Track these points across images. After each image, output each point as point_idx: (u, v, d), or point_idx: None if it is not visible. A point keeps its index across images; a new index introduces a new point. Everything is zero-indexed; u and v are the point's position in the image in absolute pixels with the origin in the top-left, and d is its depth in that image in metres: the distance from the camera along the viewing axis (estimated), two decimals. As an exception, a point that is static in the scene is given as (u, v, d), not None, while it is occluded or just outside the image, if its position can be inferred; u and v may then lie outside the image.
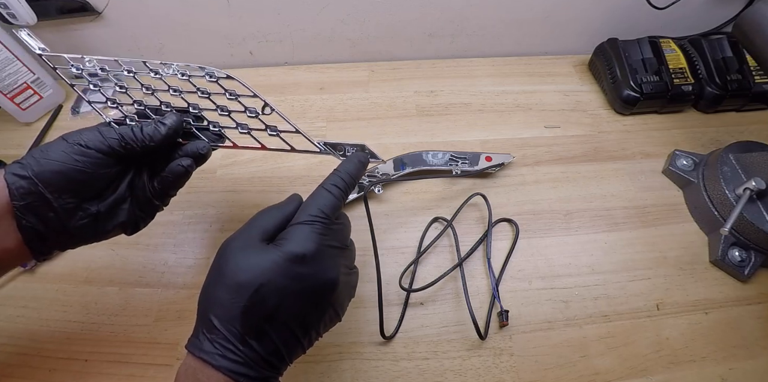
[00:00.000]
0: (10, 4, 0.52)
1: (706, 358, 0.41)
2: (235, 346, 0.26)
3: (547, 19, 0.66)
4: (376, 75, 0.65)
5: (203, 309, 0.28)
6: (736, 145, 0.51)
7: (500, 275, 0.46)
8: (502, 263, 0.47)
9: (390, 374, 0.40)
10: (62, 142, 0.31)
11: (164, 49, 0.66)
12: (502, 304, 0.44)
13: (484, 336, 0.41)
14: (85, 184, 0.32)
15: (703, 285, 0.46)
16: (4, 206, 0.29)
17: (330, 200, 0.31)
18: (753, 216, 0.45)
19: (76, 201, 0.32)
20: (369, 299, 0.45)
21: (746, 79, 0.59)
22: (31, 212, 0.30)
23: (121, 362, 0.41)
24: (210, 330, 0.27)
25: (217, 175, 0.54)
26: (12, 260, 0.32)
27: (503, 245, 0.49)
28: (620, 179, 0.54)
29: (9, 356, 0.41)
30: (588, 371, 0.41)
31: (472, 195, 0.51)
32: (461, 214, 0.50)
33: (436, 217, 0.50)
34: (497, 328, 0.43)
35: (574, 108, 0.62)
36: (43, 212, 0.31)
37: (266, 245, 0.29)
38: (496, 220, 0.50)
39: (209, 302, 0.28)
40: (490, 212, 0.49)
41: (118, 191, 0.34)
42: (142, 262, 0.47)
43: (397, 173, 0.51)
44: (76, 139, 0.31)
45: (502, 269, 0.47)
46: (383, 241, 0.48)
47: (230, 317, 0.27)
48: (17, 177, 0.30)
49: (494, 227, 0.49)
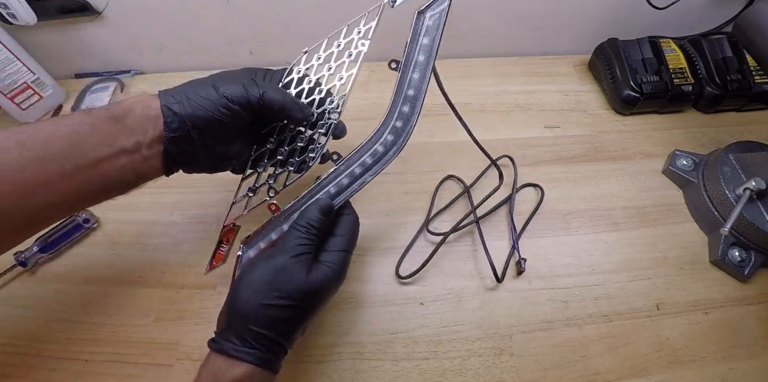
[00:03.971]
0: (10, 4, 0.52)
1: (706, 358, 0.41)
2: (265, 344, 0.31)
3: (547, 19, 0.66)
4: (376, 75, 0.65)
5: (243, 322, 0.31)
6: (736, 145, 0.51)
7: (521, 231, 0.49)
8: (524, 223, 0.50)
9: (390, 374, 0.40)
10: (212, 91, 0.35)
11: (164, 49, 0.66)
12: (521, 254, 0.46)
13: (501, 279, 0.44)
14: (223, 131, 0.36)
15: (703, 285, 0.46)
16: (158, 133, 0.34)
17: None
18: (753, 216, 0.45)
19: (212, 142, 0.36)
20: (369, 299, 0.45)
21: (746, 79, 0.59)
22: (176, 143, 0.35)
23: (121, 362, 0.41)
24: (249, 336, 0.30)
25: (217, 175, 0.54)
26: (151, 176, 0.36)
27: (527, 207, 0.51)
28: (620, 179, 0.54)
29: (9, 356, 0.41)
30: (588, 371, 0.41)
31: (500, 157, 0.53)
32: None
33: (450, 174, 0.54)
34: (515, 275, 0.46)
35: (574, 108, 0.62)
36: (185, 145, 0.35)
37: (301, 266, 0.33)
38: (521, 185, 0.53)
39: (252, 315, 0.31)
40: (516, 171, 0.52)
41: (244, 139, 0.39)
42: (142, 262, 0.47)
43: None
44: (224, 92, 0.35)
45: (524, 226, 0.50)
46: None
47: (269, 326, 0.31)
48: (171, 112, 0.34)
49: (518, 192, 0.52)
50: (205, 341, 0.32)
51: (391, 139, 0.38)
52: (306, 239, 0.33)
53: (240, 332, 0.30)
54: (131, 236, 0.49)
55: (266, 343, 0.31)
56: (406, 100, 0.37)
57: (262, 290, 0.31)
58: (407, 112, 0.37)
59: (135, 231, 0.49)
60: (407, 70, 0.37)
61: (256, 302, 0.31)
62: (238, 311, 0.31)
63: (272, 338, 0.31)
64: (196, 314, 0.44)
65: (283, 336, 0.32)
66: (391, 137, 0.38)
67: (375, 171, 0.37)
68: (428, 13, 0.37)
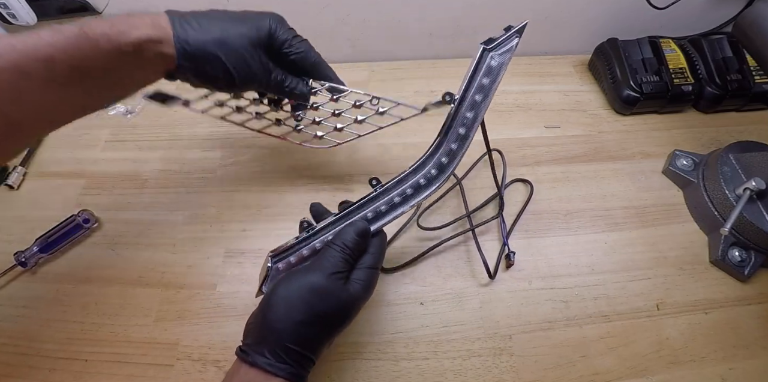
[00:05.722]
0: (10, 4, 0.52)
1: (706, 358, 0.41)
2: (297, 360, 0.31)
3: (547, 19, 0.66)
4: (376, 75, 0.65)
5: (278, 338, 0.31)
6: (736, 145, 0.51)
7: (511, 227, 0.49)
8: (514, 218, 0.50)
9: (390, 374, 0.40)
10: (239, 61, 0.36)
11: (164, 49, 0.66)
12: (510, 248, 0.47)
13: (493, 276, 0.45)
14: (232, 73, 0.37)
15: (703, 285, 0.46)
16: (168, 68, 0.36)
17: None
18: (753, 216, 0.45)
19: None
20: (370, 299, 0.44)
21: (746, 79, 0.59)
22: (183, 73, 0.36)
23: (121, 362, 0.41)
24: (282, 351, 0.31)
25: (217, 175, 0.54)
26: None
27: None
28: (620, 179, 0.54)
29: (9, 356, 0.41)
30: (588, 371, 0.41)
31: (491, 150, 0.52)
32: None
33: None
34: (504, 268, 0.47)
35: (574, 108, 0.62)
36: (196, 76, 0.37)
37: (336, 285, 0.33)
38: (511, 180, 0.53)
39: (287, 332, 0.31)
40: (505, 166, 0.52)
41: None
42: (142, 262, 0.47)
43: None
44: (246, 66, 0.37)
45: (514, 222, 0.50)
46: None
47: (302, 343, 0.31)
48: (185, 48, 0.34)
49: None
50: (205, 341, 0.32)
51: (435, 174, 0.38)
52: (341, 258, 0.34)
53: (273, 348, 0.31)
54: (131, 236, 0.49)
55: (298, 358, 0.31)
56: (455, 138, 0.37)
57: (297, 307, 0.32)
58: (455, 150, 0.37)
59: (135, 231, 0.49)
60: (462, 107, 0.37)
61: (292, 319, 0.31)
62: (272, 326, 0.31)
63: (304, 354, 0.32)
64: (196, 314, 0.44)
65: (312, 351, 0.32)
66: (435, 172, 0.38)
67: (413, 204, 0.37)
68: (494, 53, 0.37)
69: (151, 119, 0.61)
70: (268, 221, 0.50)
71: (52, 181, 0.54)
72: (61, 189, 0.53)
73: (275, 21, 0.38)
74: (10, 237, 0.49)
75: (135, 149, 0.57)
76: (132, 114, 0.61)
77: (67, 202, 0.52)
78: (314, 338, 0.32)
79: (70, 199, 0.52)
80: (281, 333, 0.31)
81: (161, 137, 0.58)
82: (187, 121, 0.60)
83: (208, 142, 0.58)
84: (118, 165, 0.56)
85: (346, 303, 0.33)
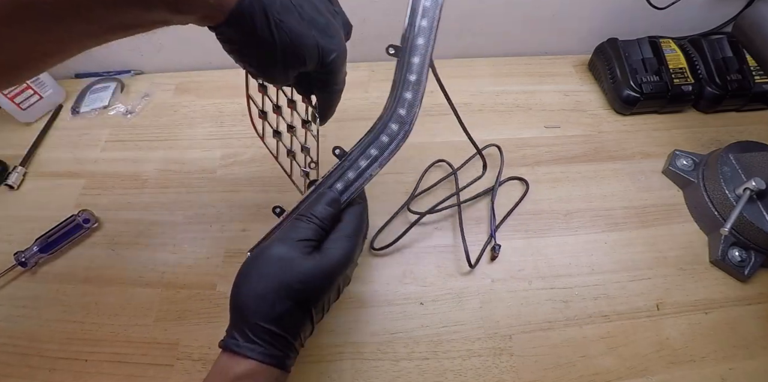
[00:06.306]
0: None
1: (706, 358, 0.41)
2: (268, 340, 0.29)
3: (547, 19, 0.66)
4: (376, 75, 0.65)
5: (244, 315, 0.30)
6: (736, 145, 0.51)
7: (501, 221, 0.50)
8: (506, 213, 0.51)
9: (390, 374, 0.40)
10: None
11: (164, 49, 0.66)
12: (497, 241, 0.48)
13: (473, 265, 0.46)
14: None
15: (703, 285, 0.46)
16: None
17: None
18: (753, 216, 0.45)
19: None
20: (370, 299, 0.45)
21: (746, 79, 0.59)
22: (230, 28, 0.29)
23: (121, 362, 0.41)
24: (252, 331, 0.29)
25: (217, 175, 0.54)
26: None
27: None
28: (620, 179, 0.54)
29: (9, 356, 0.42)
30: (588, 371, 0.41)
31: (486, 146, 0.53)
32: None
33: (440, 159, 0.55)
34: (488, 260, 0.47)
35: (574, 108, 0.62)
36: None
37: (300, 253, 0.31)
38: (506, 178, 0.54)
39: (252, 308, 0.30)
40: (502, 159, 0.53)
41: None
42: (142, 262, 0.47)
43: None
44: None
45: (505, 216, 0.50)
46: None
47: (272, 319, 0.29)
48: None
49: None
50: (205, 341, 0.32)
51: (395, 128, 0.36)
52: (308, 228, 0.32)
53: (242, 328, 0.29)
54: (131, 236, 0.49)
55: (269, 338, 0.29)
56: (407, 86, 0.36)
57: (260, 281, 0.30)
58: (410, 99, 0.36)
59: (135, 231, 0.50)
60: (406, 54, 0.36)
61: (255, 293, 0.30)
62: (237, 305, 0.30)
63: (276, 333, 0.29)
64: (196, 314, 0.44)
65: (288, 331, 0.30)
66: (395, 126, 0.36)
67: (380, 163, 0.36)
68: None
69: (151, 119, 0.61)
70: (268, 221, 0.50)
71: (52, 181, 0.54)
72: (61, 189, 0.53)
73: (343, 55, 0.35)
74: (10, 237, 0.49)
75: (135, 149, 0.57)
76: (132, 114, 0.61)
77: (67, 202, 0.52)
78: (286, 313, 0.30)
79: (70, 199, 0.52)
80: (246, 309, 0.29)
81: (161, 137, 0.58)
82: (187, 121, 0.60)
83: (208, 143, 0.58)
84: (118, 165, 0.56)
85: (318, 272, 0.31)
